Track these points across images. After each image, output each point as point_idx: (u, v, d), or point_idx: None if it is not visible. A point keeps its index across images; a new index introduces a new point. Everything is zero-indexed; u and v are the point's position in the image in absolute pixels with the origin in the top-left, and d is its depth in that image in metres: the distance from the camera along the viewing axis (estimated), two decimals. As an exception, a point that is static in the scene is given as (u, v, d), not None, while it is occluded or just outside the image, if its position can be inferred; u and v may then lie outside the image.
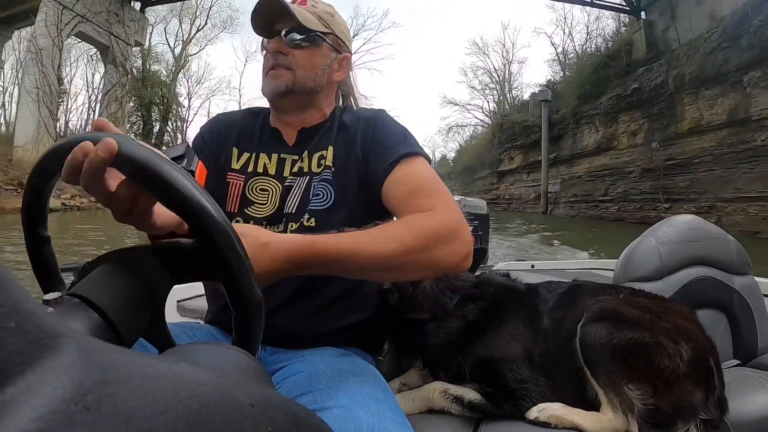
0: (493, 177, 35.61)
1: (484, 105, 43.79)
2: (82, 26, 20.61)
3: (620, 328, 1.05)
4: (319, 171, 1.10)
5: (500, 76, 41.18)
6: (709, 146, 15.22)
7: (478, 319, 1.19)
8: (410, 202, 0.96)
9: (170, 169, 0.51)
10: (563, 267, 3.12)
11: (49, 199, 0.61)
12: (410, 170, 1.02)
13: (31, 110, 19.04)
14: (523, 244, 12.47)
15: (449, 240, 0.87)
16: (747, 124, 13.63)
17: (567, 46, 32.85)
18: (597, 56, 23.82)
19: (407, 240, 0.84)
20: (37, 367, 0.22)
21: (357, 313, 1.13)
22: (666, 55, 17.83)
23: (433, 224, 0.88)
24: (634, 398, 1.00)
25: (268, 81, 1.13)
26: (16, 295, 0.22)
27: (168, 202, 0.51)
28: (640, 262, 1.64)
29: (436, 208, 0.92)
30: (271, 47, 1.12)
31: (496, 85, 41.54)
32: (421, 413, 1.14)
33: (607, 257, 4.28)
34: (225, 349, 0.45)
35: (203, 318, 1.23)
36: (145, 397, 0.24)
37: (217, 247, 0.51)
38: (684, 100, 16.28)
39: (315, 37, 1.12)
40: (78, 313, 0.47)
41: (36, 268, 0.62)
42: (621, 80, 20.17)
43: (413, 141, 1.09)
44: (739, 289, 1.66)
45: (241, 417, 0.28)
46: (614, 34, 24.30)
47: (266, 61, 1.14)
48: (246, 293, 0.53)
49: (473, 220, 2.75)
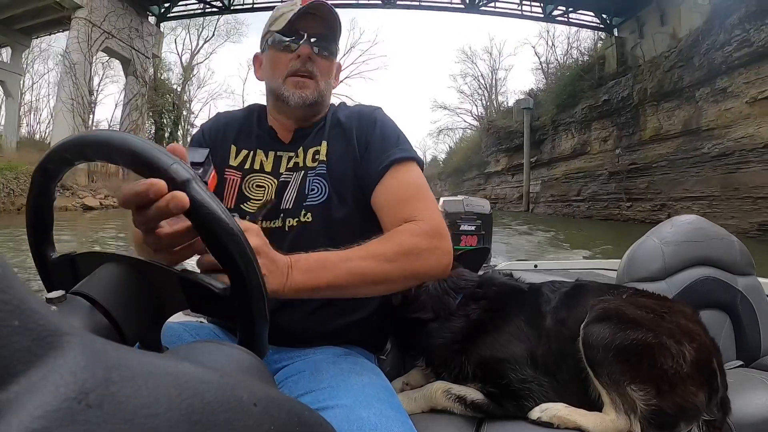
0: (481, 178, 38.42)
1: (473, 109, 46.01)
2: (108, 42, 22.99)
3: (623, 329, 1.05)
4: (314, 166, 1.11)
5: (487, 83, 43.72)
6: (666, 152, 17.88)
7: (481, 318, 1.18)
8: (395, 211, 1.02)
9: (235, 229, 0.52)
10: (566, 267, 3.11)
11: (53, 197, 0.62)
12: (399, 177, 1.06)
13: (66, 119, 20.74)
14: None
15: (428, 250, 0.95)
16: (698, 134, 16.17)
17: (550, 56, 35.25)
18: (574, 68, 26.83)
19: (389, 255, 0.91)
20: (41, 365, 0.22)
21: (359, 311, 1.13)
22: (632, 70, 20.49)
23: (413, 237, 0.95)
24: (636, 399, 1.00)
25: (291, 89, 1.11)
26: (20, 293, 0.22)
27: (224, 262, 0.53)
28: (644, 263, 1.64)
29: (418, 218, 0.98)
30: (304, 52, 1.09)
31: (483, 90, 44.11)
32: (424, 413, 1.14)
33: (571, 243, 4.38)
34: (228, 348, 0.45)
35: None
36: (148, 395, 0.24)
37: (250, 309, 0.54)
38: (646, 111, 18.94)
39: (337, 47, 1.14)
40: (82, 311, 0.47)
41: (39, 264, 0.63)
42: (594, 92, 22.77)
43: (406, 144, 1.12)
44: (743, 290, 1.66)
45: (244, 416, 0.28)
46: (591, 49, 27.65)
47: (287, 63, 1.11)
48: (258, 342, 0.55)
49: (476, 219, 2.75)
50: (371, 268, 0.89)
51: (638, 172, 19.42)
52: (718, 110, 15.19)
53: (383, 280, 0.92)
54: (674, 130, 17.38)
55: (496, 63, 43.54)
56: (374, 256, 0.90)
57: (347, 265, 0.87)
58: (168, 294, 0.56)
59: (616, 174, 20.69)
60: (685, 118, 16.73)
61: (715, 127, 15.34)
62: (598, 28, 25.85)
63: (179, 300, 0.56)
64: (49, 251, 0.63)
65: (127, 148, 0.53)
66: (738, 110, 14.41)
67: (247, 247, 0.53)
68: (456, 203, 2.79)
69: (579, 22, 26.30)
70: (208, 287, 0.55)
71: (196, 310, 0.57)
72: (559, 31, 31.66)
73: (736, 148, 14.51)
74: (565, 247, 12.63)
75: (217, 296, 0.55)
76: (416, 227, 0.97)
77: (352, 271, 0.87)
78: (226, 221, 0.52)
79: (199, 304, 0.56)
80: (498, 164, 33.90)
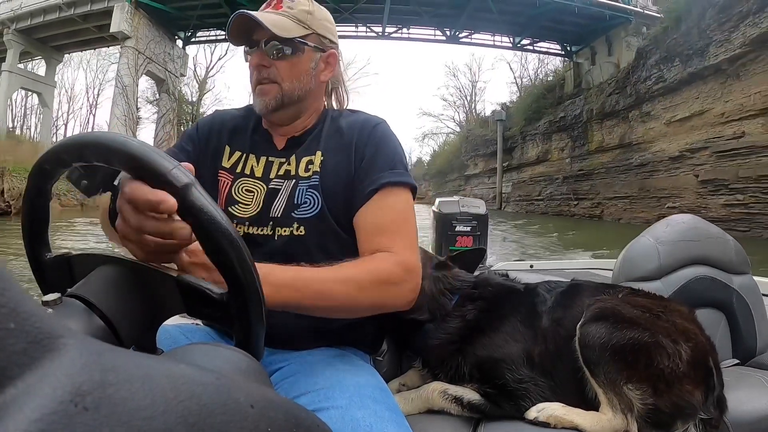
0: (462, 179, 42.57)
1: (455, 116, 51.23)
2: (149, 66, 26.91)
3: (619, 328, 1.05)
4: (307, 176, 1.08)
5: (467, 94, 49.06)
6: (605, 161, 22.38)
7: (477, 319, 1.19)
8: (373, 238, 1.01)
9: (234, 234, 0.53)
10: (562, 267, 3.11)
11: (49, 198, 0.62)
12: (386, 203, 1.04)
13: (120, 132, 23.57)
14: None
15: (398, 283, 0.95)
16: (629, 147, 20.72)
17: (523, 71, 40.65)
18: (539, 87, 31.96)
19: (360, 283, 0.90)
20: (38, 368, 0.22)
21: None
22: (584, 92, 24.91)
23: (389, 267, 0.94)
24: (633, 398, 1.00)
25: (256, 98, 1.10)
26: (16, 296, 0.22)
27: (223, 267, 0.53)
28: (639, 262, 1.64)
29: (393, 251, 0.97)
30: (253, 62, 1.09)
31: (464, 100, 49.54)
32: (421, 413, 1.14)
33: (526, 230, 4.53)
34: (224, 351, 0.45)
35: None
36: (144, 398, 0.24)
37: (247, 313, 0.54)
38: (593, 127, 23.36)
39: (295, 44, 1.07)
40: (78, 314, 0.47)
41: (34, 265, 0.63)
42: (554, 109, 27.34)
43: (402, 168, 1.09)
44: (738, 289, 1.66)
45: (241, 418, 0.28)
46: (558, 68, 32.57)
47: (251, 75, 1.11)
48: (255, 346, 0.55)
49: (472, 220, 2.74)
50: (342, 294, 0.88)
51: (584, 177, 24.19)
52: (644, 129, 19.66)
53: (350, 308, 0.93)
54: (613, 143, 21.87)
55: (476, 76, 49.23)
56: (348, 281, 0.89)
57: (319, 286, 0.87)
58: (165, 297, 0.55)
59: (568, 178, 25.52)
60: (621, 134, 21.25)
61: (642, 142, 19.83)
62: (560, 54, 30.96)
63: (176, 303, 0.56)
64: (44, 252, 0.62)
65: (125, 151, 0.52)
66: (658, 129, 18.81)
67: (246, 252, 0.53)
68: (451, 204, 2.79)
69: (543, 50, 31.77)
70: (205, 292, 0.55)
71: (192, 313, 0.57)
72: (532, 48, 36.04)
73: (652, 159, 18.99)
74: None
75: (215, 300, 0.55)
76: (392, 258, 0.96)
77: (323, 294, 0.87)
78: (225, 227, 0.52)
79: (196, 308, 0.56)
80: (476, 167, 38.38)
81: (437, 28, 29.67)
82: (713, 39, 15.35)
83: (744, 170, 14.42)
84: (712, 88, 15.87)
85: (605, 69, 23.98)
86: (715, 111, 15.69)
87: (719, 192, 15.37)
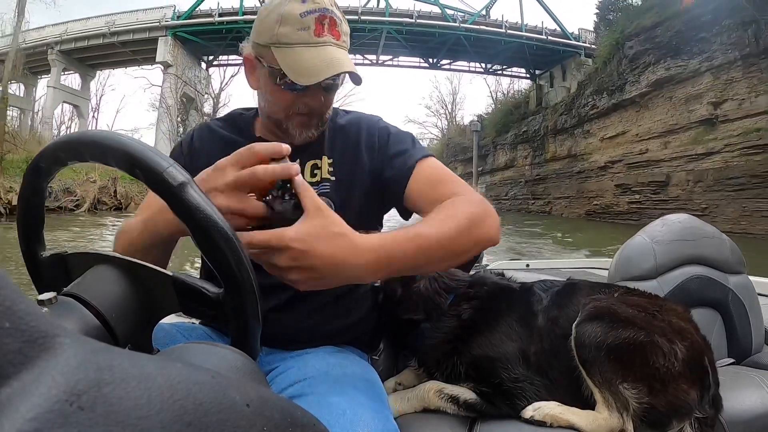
0: None
1: (438, 122, 57.11)
2: (185, 88, 32.75)
3: (615, 327, 1.05)
4: (315, 182, 1.07)
5: (448, 103, 54.92)
6: (556, 169, 28.42)
7: (473, 318, 1.19)
8: (437, 192, 0.98)
9: (230, 233, 0.53)
10: (558, 266, 3.12)
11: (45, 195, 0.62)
12: (428, 169, 1.04)
13: (165, 148, 28.00)
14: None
15: (484, 217, 0.89)
16: (575, 158, 26.47)
17: (498, 86, 48.65)
18: (506, 105, 39.09)
19: (458, 221, 0.84)
20: (32, 367, 0.22)
21: (352, 314, 1.13)
22: (543, 110, 31.23)
23: (468, 206, 0.89)
24: (629, 397, 1.01)
25: (300, 129, 1.05)
26: (11, 295, 0.22)
27: (219, 265, 0.53)
28: (635, 261, 1.65)
29: (460, 193, 0.95)
30: (315, 102, 1.03)
31: (445, 109, 55.40)
32: (417, 413, 1.14)
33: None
34: (220, 350, 0.45)
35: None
36: (140, 397, 0.24)
37: (243, 312, 0.54)
38: (549, 140, 29.50)
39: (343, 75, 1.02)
40: (73, 313, 0.47)
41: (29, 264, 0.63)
42: (519, 123, 33.97)
43: (420, 144, 1.11)
44: (734, 288, 1.67)
45: (237, 417, 0.28)
46: (525, 88, 39.34)
47: (293, 101, 1.02)
48: (251, 345, 0.55)
49: None
50: (451, 239, 0.82)
51: (540, 180, 30.49)
52: (585, 143, 25.25)
53: (461, 251, 0.85)
54: (562, 154, 27.85)
55: (456, 89, 56.81)
56: (449, 225, 0.83)
57: (434, 241, 0.80)
58: (160, 296, 0.55)
59: (528, 181, 32.04)
60: (569, 147, 27.11)
61: (583, 154, 25.48)
62: (525, 77, 38.51)
63: (172, 302, 0.56)
64: (40, 250, 0.62)
65: (122, 149, 0.52)
66: (594, 145, 24.43)
67: (242, 251, 0.53)
68: None
69: (511, 73, 39.78)
70: (201, 290, 0.55)
71: (188, 313, 0.57)
72: (505, 66, 43.13)
73: (587, 168, 24.86)
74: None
75: (210, 299, 0.55)
76: (466, 198, 0.92)
77: (442, 244, 0.80)
78: (222, 226, 0.52)
79: (192, 307, 0.56)
80: (456, 171, 40.79)
81: (422, 58, 37.62)
82: (628, 80, 21.68)
83: (642, 177, 20.23)
84: (630, 114, 21.91)
85: (559, 92, 30.62)
86: (632, 132, 21.64)
87: (626, 193, 21.23)
